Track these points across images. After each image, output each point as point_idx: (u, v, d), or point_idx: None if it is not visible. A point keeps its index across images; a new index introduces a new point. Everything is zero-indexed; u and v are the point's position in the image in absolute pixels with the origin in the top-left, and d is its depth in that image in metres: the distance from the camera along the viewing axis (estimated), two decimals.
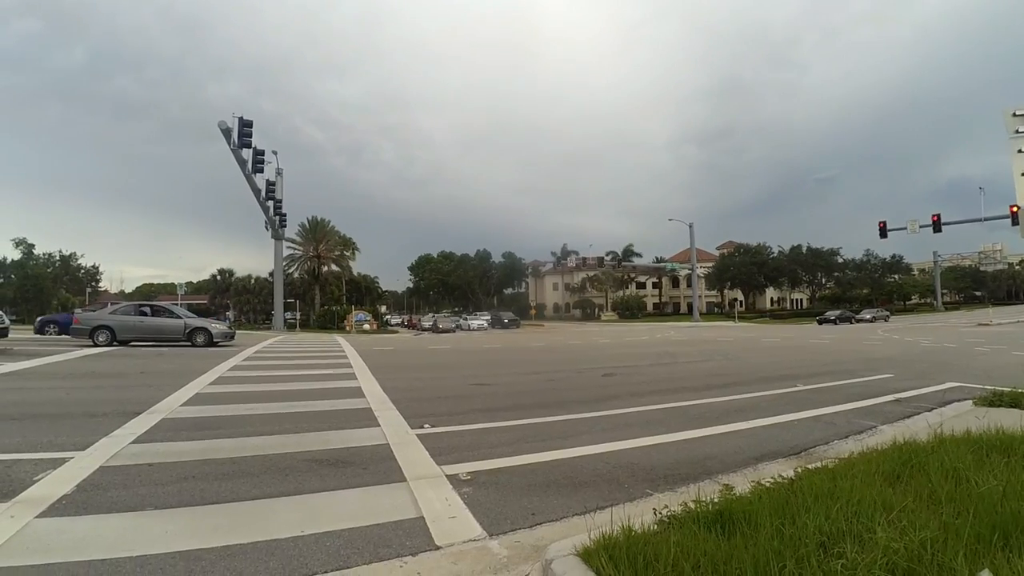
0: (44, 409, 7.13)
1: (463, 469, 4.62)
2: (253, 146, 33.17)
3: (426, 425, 6.31)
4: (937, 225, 36.51)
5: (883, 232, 39.05)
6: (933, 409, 7.33)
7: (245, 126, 32.22)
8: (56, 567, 2.83)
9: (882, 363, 13.60)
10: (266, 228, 38.59)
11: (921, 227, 38.63)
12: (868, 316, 53.57)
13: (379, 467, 4.70)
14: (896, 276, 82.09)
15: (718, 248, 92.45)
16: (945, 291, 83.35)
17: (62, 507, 3.66)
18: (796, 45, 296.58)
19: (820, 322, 52.52)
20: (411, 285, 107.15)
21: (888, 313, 58.92)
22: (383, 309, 61.54)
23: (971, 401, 7.43)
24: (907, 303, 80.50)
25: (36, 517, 3.45)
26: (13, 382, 9.53)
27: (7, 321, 15.78)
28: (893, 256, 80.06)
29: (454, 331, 45.86)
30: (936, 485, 3.31)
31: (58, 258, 55.43)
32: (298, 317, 44.54)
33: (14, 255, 47.72)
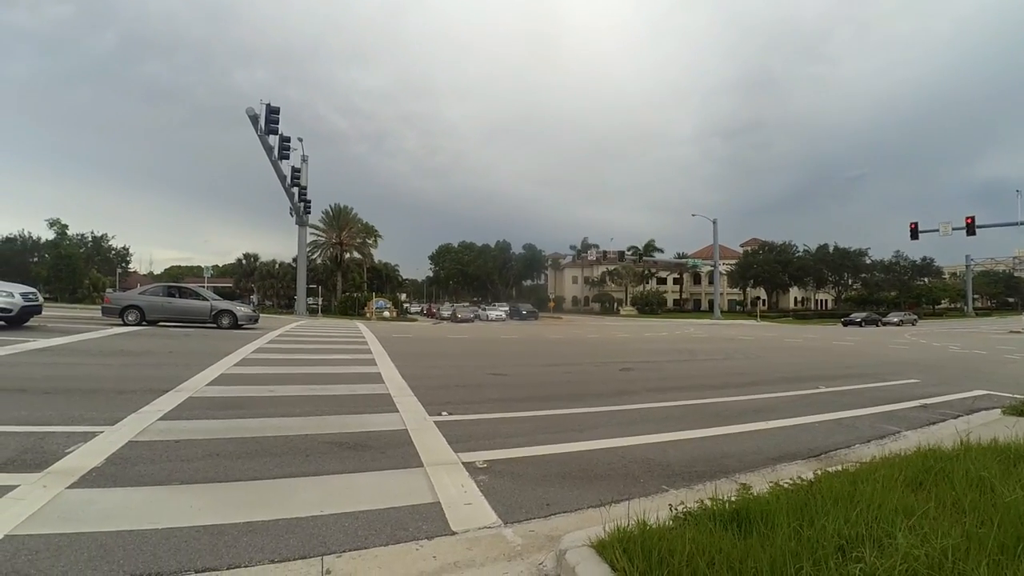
0: (76, 384, 7.37)
1: (479, 457, 4.66)
2: (279, 132, 33.52)
3: (444, 412, 6.37)
4: (971, 228, 35.46)
5: (914, 234, 38.09)
6: (960, 416, 7.17)
7: (272, 112, 32.53)
8: (85, 536, 2.94)
9: (908, 368, 13.31)
10: (291, 214, 39.08)
11: (954, 229, 37.57)
12: (895, 319, 52.41)
13: (397, 452, 4.77)
14: (926, 279, 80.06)
15: (742, 245, 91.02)
16: (976, 296, 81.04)
17: (92, 479, 3.79)
18: (828, 38, 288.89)
19: (845, 324, 51.50)
20: (431, 274, 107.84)
21: (916, 317, 57.54)
22: (403, 297, 62.09)
23: (1000, 410, 7.24)
24: (936, 307, 78.41)
25: (67, 488, 3.59)
26: (47, 357, 9.86)
27: (41, 299, 16.28)
28: (923, 259, 78.04)
29: (472, 321, 46.06)
30: (960, 493, 3.25)
31: (90, 239, 57.00)
32: (320, 303, 45.15)
33: (48, 235, 49.09)
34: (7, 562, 2.64)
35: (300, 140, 37.50)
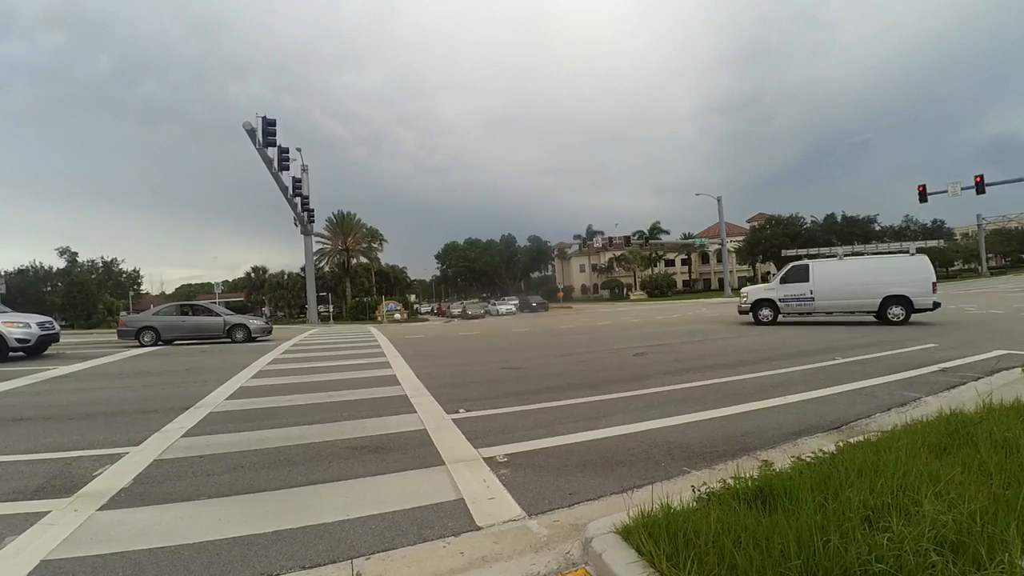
0: (99, 408, 7.48)
1: (500, 452, 4.69)
2: (278, 144, 33.64)
3: (461, 410, 6.41)
4: (980, 186, 34.97)
5: (923, 196, 37.63)
6: (980, 378, 7.09)
7: (269, 125, 32.65)
8: (119, 556, 3.00)
9: (925, 332, 13.17)
10: (295, 224, 39.26)
11: (963, 189, 37.09)
12: None
13: (418, 452, 4.81)
14: (938, 242, 78.98)
15: (748, 221, 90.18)
16: (990, 255, 79.81)
17: (121, 499, 3.86)
18: (825, 3, 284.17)
19: None
20: (438, 273, 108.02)
21: None
22: (412, 298, 62.24)
23: (1021, 368, 7.15)
24: (950, 270, 77.40)
25: (98, 510, 3.66)
26: (68, 384, 10.02)
27: (57, 327, 16.53)
28: (934, 221, 76.98)
29: (483, 317, 46.15)
30: (985, 456, 3.22)
31: (100, 264, 57.57)
32: (331, 310, 45.40)
33: (59, 263, 49.73)
34: None
35: (299, 150, 37.65)
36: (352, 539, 3.12)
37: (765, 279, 76.54)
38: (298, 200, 37.82)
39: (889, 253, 20.21)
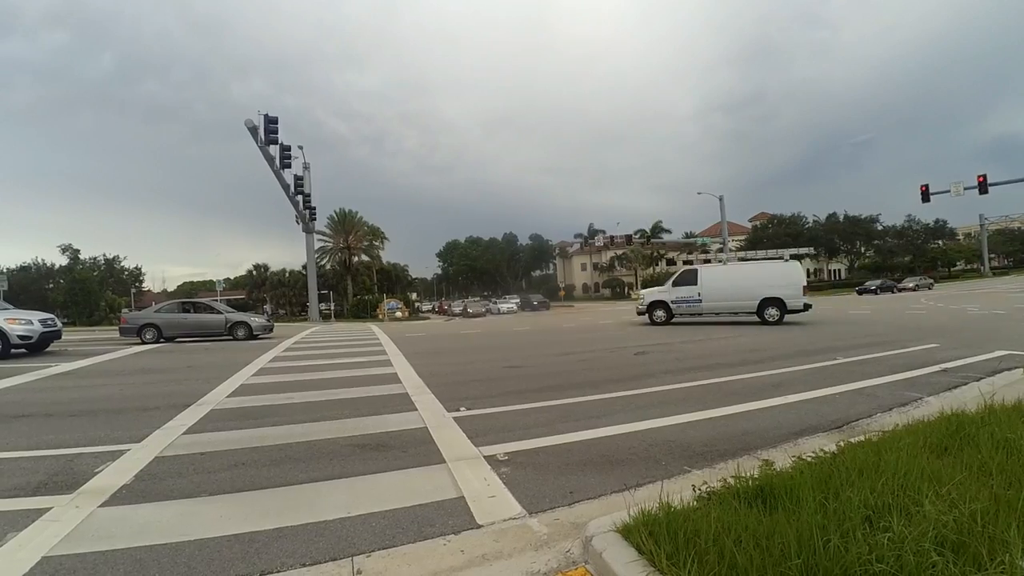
0: (100, 405, 7.50)
1: (500, 450, 4.69)
2: (279, 142, 33.67)
3: (462, 408, 6.41)
4: (983, 186, 34.78)
5: (925, 196, 37.43)
6: (982, 378, 7.08)
7: (271, 123, 32.69)
8: (120, 552, 3.01)
9: (927, 332, 13.15)
10: (297, 222, 39.32)
11: (966, 189, 36.82)
12: (911, 285, 51.75)
13: (419, 450, 4.82)
14: (940, 242, 78.77)
15: (750, 220, 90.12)
16: (993, 256, 79.56)
17: (123, 496, 3.87)
18: (827, 1, 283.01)
19: (860, 292, 50.95)
20: (440, 271, 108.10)
21: (932, 281, 56.75)
22: (414, 296, 62.27)
23: (1022, 369, 7.14)
24: (952, 270, 77.20)
25: (99, 506, 3.67)
26: (70, 381, 10.04)
27: (59, 324, 16.56)
28: (936, 221, 76.66)
29: (484, 315, 46.18)
30: (986, 456, 3.22)
31: (103, 262, 57.75)
32: (332, 307, 45.46)
33: (62, 261, 49.89)
34: None
35: (300, 148, 37.71)
36: (353, 536, 3.13)
37: None
38: (300, 198, 37.86)
39: (767, 260, 21.82)
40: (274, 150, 33.63)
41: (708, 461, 4.26)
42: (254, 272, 66.63)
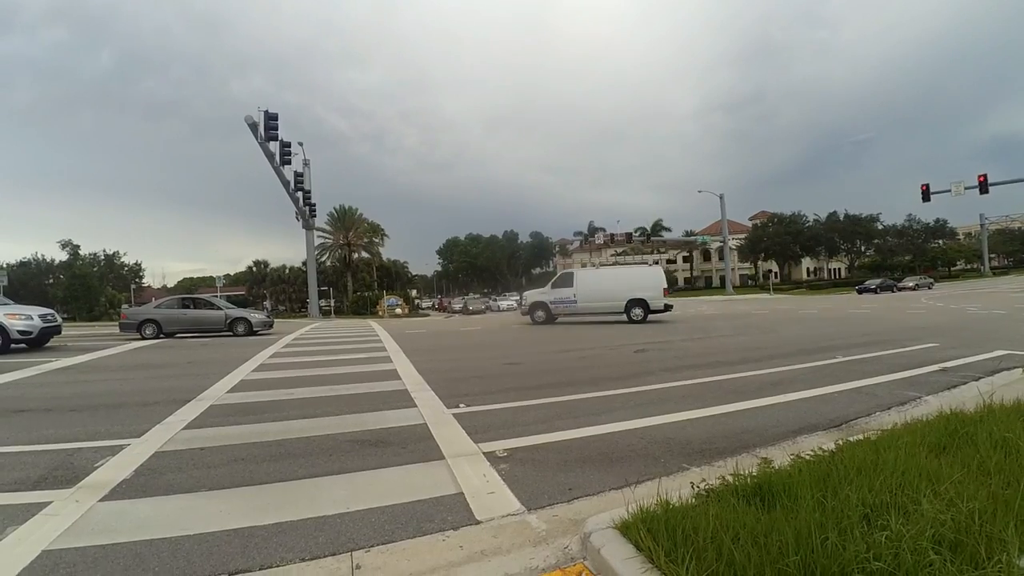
0: (101, 400, 7.51)
1: (499, 446, 4.70)
2: (280, 138, 33.59)
3: (461, 404, 6.42)
4: (984, 186, 34.82)
5: (926, 195, 37.45)
6: (981, 378, 7.09)
7: (271, 119, 32.58)
8: (120, 546, 3.01)
9: (926, 332, 13.16)
10: (297, 219, 39.22)
11: (966, 188, 36.87)
12: (911, 284, 51.73)
13: (418, 446, 4.82)
14: (940, 241, 78.74)
15: (751, 218, 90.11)
16: (993, 255, 79.50)
17: (122, 491, 3.88)
18: (827, 1, 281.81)
19: (860, 291, 50.91)
20: (440, 268, 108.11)
21: (932, 280, 56.72)
22: (414, 293, 62.31)
23: (1021, 369, 7.14)
24: (952, 269, 77.19)
25: (99, 501, 3.68)
26: (70, 376, 10.05)
27: (59, 319, 16.57)
28: (936, 220, 76.59)
29: (484, 312, 46.14)
30: (985, 456, 3.22)
31: (102, 257, 57.60)
32: (332, 304, 45.46)
33: (61, 256, 49.80)
34: None
35: (300, 144, 37.54)
36: (352, 532, 3.14)
37: (767, 277, 76.64)
38: (300, 194, 37.75)
39: (635, 264, 23.16)
40: (274, 146, 33.51)
41: (707, 459, 4.26)
42: (254, 268, 66.65)
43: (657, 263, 22.56)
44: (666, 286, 21.02)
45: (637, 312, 20.67)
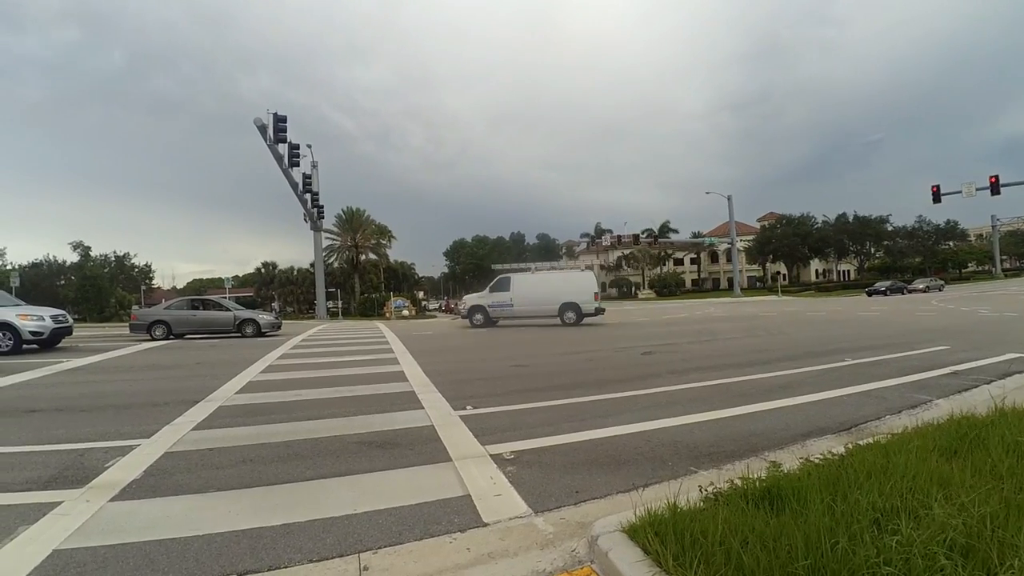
0: (111, 400, 7.57)
1: (506, 449, 4.70)
2: (288, 140, 33.79)
3: (468, 406, 6.42)
4: (995, 187, 34.49)
5: (936, 196, 37.12)
6: (993, 381, 7.02)
7: (280, 122, 32.81)
8: (130, 546, 3.03)
9: (937, 335, 13.03)
10: (305, 220, 39.46)
11: (978, 190, 36.55)
12: (921, 286, 51.32)
13: (425, 448, 4.83)
14: (951, 243, 77.99)
15: (759, 220, 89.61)
16: (1005, 257, 78.76)
17: (132, 491, 3.91)
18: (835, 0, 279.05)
19: (869, 294, 50.56)
20: (446, 270, 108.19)
21: (943, 282, 56.25)
22: (420, 295, 62.36)
23: None
24: (963, 271, 76.46)
25: (109, 501, 3.71)
26: (81, 376, 10.14)
27: (71, 320, 16.74)
28: (947, 222, 75.86)
29: None
30: (996, 460, 3.19)
31: (113, 258, 58.21)
32: (340, 305, 45.64)
33: (73, 257, 50.39)
34: None
35: (309, 146, 37.77)
36: (360, 533, 3.14)
37: (775, 279, 76.21)
38: (308, 196, 37.98)
39: (569, 269, 24.39)
40: (283, 148, 33.73)
41: (715, 462, 4.24)
42: (262, 270, 66.98)
43: (590, 268, 23.86)
44: (597, 291, 22.01)
45: (570, 316, 21.61)
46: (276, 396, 7.46)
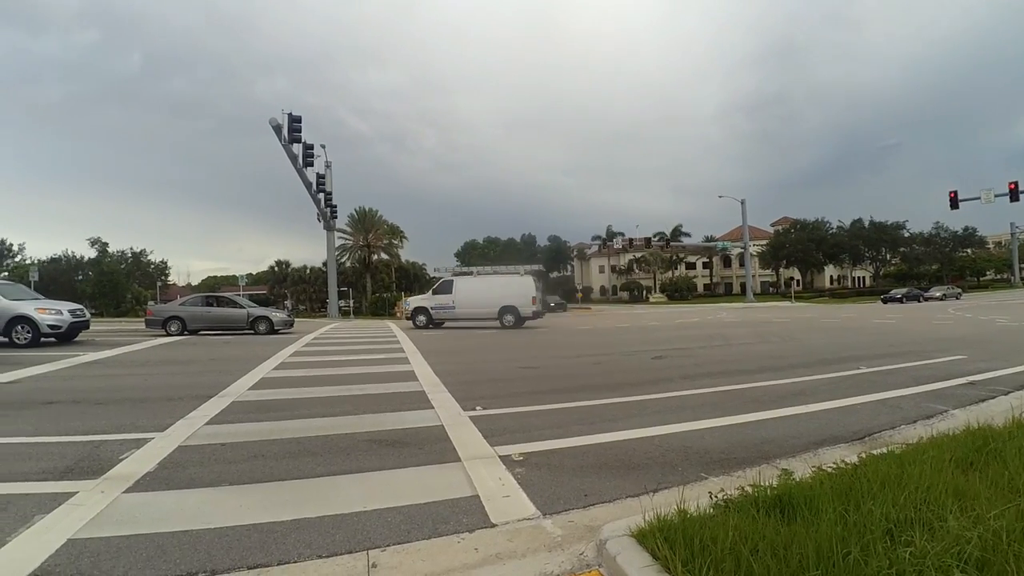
0: (126, 394, 7.69)
1: (515, 450, 4.70)
2: (303, 141, 34.08)
3: (478, 407, 6.43)
4: (1014, 193, 33.94)
5: (954, 203, 36.62)
6: (1011, 392, 6.89)
7: (294, 122, 33.09)
8: (143, 537, 3.08)
9: (954, 344, 12.83)
10: (318, 220, 39.77)
11: (997, 196, 35.99)
12: (938, 294, 50.54)
13: (434, 447, 4.85)
14: (969, 250, 76.76)
15: (772, 224, 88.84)
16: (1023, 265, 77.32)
17: (146, 483, 3.97)
18: (853, 2, 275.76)
19: (885, 301, 49.92)
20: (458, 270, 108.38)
21: (960, 290, 55.35)
22: None
23: None
24: (981, 279, 75.20)
25: (123, 492, 3.76)
26: (97, 370, 10.30)
27: (88, 314, 17.02)
28: (965, 228, 74.66)
29: None
30: (1014, 472, 3.14)
31: (130, 255, 59.06)
32: (351, 305, 45.91)
33: (90, 253, 51.23)
34: (70, 565, 2.78)
35: (323, 147, 38.04)
36: (368, 530, 3.16)
37: (788, 285, 75.47)
38: (321, 196, 38.26)
39: (509, 274, 24.59)
40: (297, 148, 34.02)
41: (725, 468, 4.21)
42: (276, 268, 67.54)
43: (529, 274, 23.79)
44: (535, 295, 22.82)
45: (508, 319, 22.46)
46: (288, 393, 7.52)
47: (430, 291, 24.14)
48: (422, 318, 23.17)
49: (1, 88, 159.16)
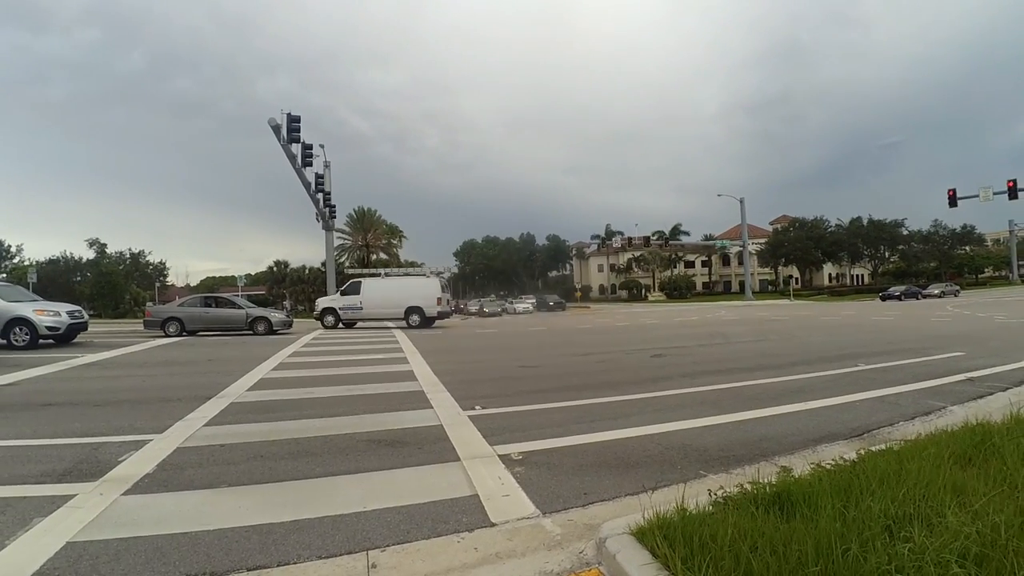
0: (124, 395, 7.67)
1: (515, 449, 4.70)
2: (302, 140, 34.02)
3: (477, 406, 6.43)
4: (1013, 191, 33.96)
5: (953, 201, 36.65)
6: (1009, 388, 6.90)
7: (293, 122, 33.02)
8: (142, 539, 3.07)
9: (952, 341, 12.85)
10: (317, 219, 39.68)
11: (995, 194, 36.04)
12: (936, 291, 50.62)
13: (434, 447, 4.85)
14: (967, 248, 76.87)
15: (771, 223, 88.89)
16: (1022, 263, 77.35)
17: (145, 485, 3.96)
18: (859, 1, 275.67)
19: (883, 298, 49.99)
20: (456, 270, 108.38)
21: (958, 288, 55.41)
22: None
23: None
24: (979, 277, 75.30)
25: (122, 494, 3.75)
26: (95, 371, 10.28)
27: (86, 316, 16.97)
28: (964, 226, 74.79)
29: (500, 315, 46.21)
30: (1012, 468, 3.14)
31: (128, 256, 59.01)
32: None
33: (89, 254, 51.20)
34: (69, 568, 2.77)
35: (322, 147, 37.93)
36: (368, 531, 3.16)
37: (787, 283, 75.54)
38: (320, 196, 38.16)
39: (416, 275, 25.70)
40: (296, 148, 33.91)
41: (725, 466, 4.22)
42: (274, 268, 67.48)
43: (434, 275, 24.95)
44: (440, 296, 23.44)
45: (415, 318, 22.92)
46: (287, 393, 7.51)
47: (338, 292, 24.71)
48: (330, 318, 23.38)
49: (2, 87, 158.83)
